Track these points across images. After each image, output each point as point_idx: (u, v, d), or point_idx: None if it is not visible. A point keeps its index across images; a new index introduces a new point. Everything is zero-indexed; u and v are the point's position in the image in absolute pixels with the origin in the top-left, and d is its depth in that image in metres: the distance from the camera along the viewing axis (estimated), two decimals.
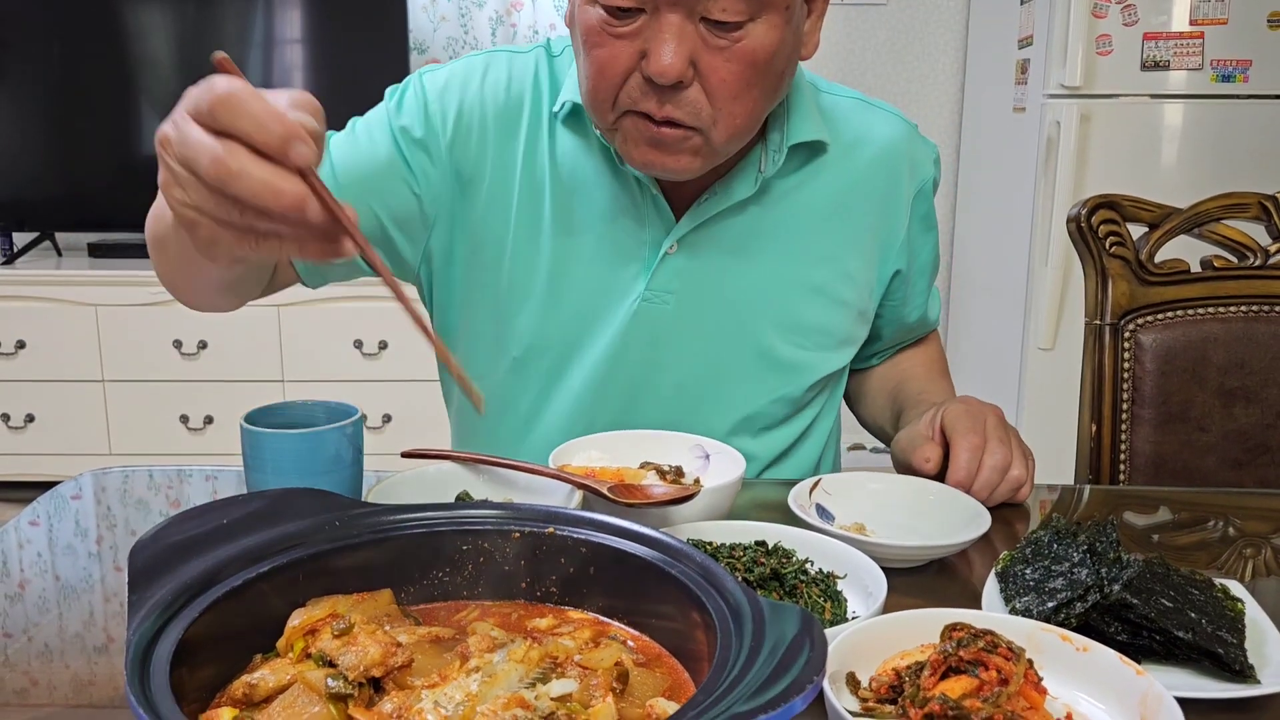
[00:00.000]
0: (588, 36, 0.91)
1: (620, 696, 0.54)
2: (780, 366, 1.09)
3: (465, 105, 1.05)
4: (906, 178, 1.13)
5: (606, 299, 1.06)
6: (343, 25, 3.17)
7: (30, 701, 0.65)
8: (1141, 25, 2.59)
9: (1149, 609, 0.67)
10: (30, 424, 3.08)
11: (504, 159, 1.05)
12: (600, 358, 1.07)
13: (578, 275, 1.05)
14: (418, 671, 0.55)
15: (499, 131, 1.05)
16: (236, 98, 0.54)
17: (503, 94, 1.06)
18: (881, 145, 1.11)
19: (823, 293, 1.09)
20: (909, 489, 0.94)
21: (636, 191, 1.03)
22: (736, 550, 0.77)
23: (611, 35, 0.89)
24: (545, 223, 1.05)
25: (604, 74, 0.91)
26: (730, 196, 1.03)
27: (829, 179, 1.08)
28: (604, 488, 0.79)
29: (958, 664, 0.58)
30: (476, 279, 1.08)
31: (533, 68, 1.07)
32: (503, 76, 1.07)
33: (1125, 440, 1.31)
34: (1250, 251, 1.30)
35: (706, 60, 0.88)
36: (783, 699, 0.43)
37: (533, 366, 1.09)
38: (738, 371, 1.09)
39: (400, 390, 3.04)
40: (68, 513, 0.98)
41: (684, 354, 1.07)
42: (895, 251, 1.14)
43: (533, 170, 1.05)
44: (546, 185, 1.05)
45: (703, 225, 1.04)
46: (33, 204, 3.24)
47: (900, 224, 1.13)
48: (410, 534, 0.65)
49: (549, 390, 1.10)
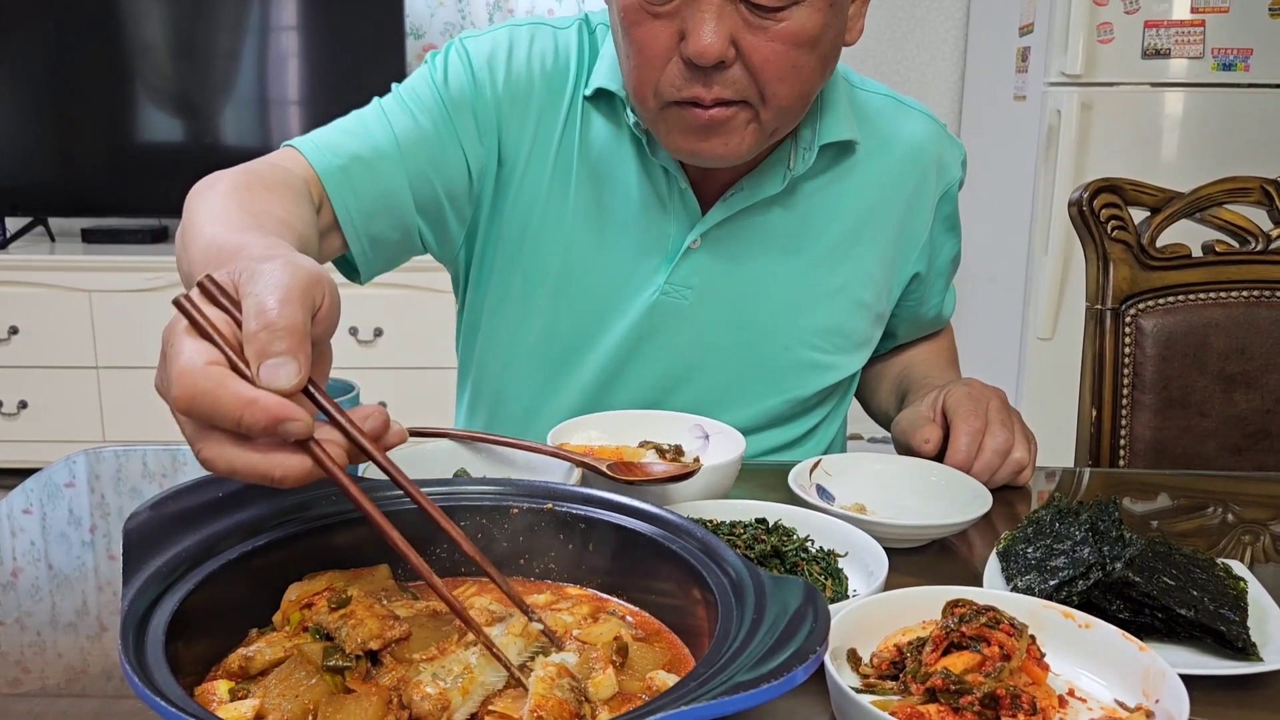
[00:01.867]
0: (626, 14, 0.88)
1: (620, 670, 0.53)
2: (795, 368, 1.08)
3: (513, 75, 1.02)
4: (933, 180, 1.11)
5: (625, 290, 1.04)
6: (339, 10, 3.16)
7: (22, 690, 0.65)
8: (1143, 13, 2.58)
9: (1151, 587, 0.67)
10: (24, 410, 3.07)
11: (543, 137, 1.03)
12: (613, 348, 1.05)
13: (598, 263, 1.04)
14: (416, 645, 0.55)
15: (543, 107, 1.03)
16: (202, 400, 0.48)
17: (550, 68, 1.03)
18: (910, 146, 1.09)
19: (843, 294, 1.07)
20: (909, 470, 0.93)
21: (664, 183, 1.01)
22: (737, 528, 0.76)
23: (650, 15, 0.86)
24: (569, 206, 1.03)
25: (645, 55, 0.88)
26: (758, 192, 1.01)
27: (856, 179, 1.06)
28: (603, 465, 0.79)
29: (960, 640, 0.58)
30: (504, 260, 1.06)
31: (575, 44, 1.04)
32: (549, 49, 1.03)
33: (1125, 425, 1.30)
34: (1252, 236, 1.30)
35: (748, 40, 0.86)
36: (785, 669, 0.43)
37: (545, 352, 1.08)
38: (751, 371, 1.07)
39: (396, 377, 3.03)
40: (60, 497, 0.97)
41: (698, 350, 1.06)
42: (917, 254, 1.13)
43: (565, 151, 1.03)
44: (574, 168, 1.03)
45: (727, 221, 1.02)
46: (26, 189, 3.23)
47: (924, 226, 1.12)
48: (408, 509, 0.65)
49: (559, 378, 1.08)
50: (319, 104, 3.24)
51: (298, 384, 0.49)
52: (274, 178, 0.88)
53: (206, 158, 3.33)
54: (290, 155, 0.97)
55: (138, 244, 3.20)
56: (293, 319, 0.50)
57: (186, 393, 0.48)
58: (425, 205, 1.02)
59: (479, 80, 1.01)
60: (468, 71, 1.01)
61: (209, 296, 0.52)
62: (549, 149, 1.03)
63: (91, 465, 1.04)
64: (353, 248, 0.99)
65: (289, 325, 0.50)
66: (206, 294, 0.52)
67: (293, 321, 0.50)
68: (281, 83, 3.24)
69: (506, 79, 1.02)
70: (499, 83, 1.01)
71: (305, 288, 0.52)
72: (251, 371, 0.49)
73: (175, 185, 0.88)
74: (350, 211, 0.97)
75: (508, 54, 1.02)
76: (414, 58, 3.36)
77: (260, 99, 3.24)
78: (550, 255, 1.04)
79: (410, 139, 0.99)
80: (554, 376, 1.08)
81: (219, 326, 0.50)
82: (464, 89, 1.01)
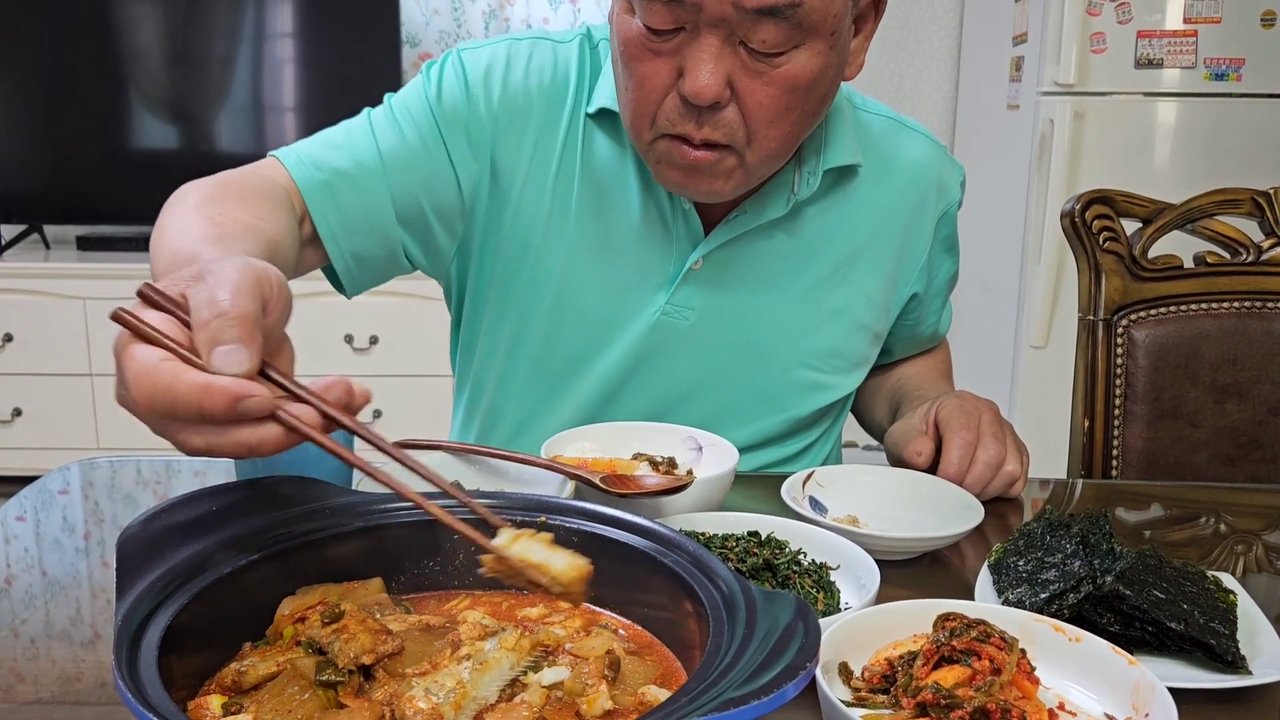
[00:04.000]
0: (626, 48, 0.88)
1: (612, 685, 0.53)
2: (794, 388, 1.08)
3: (510, 91, 1.01)
4: (933, 202, 1.11)
5: (626, 309, 1.04)
6: (334, 18, 3.16)
7: (15, 698, 0.65)
8: (1135, 23, 2.59)
9: (1141, 600, 0.67)
10: (18, 418, 3.06)
11: (542, 153, 1.02)
12: (612, 368, 1.05)
13: (599, 282, 1.03)
14: (408, 659, 0.55)
15: (542, 124, 1.02)
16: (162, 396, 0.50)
17: (548, 83, 1.02)
18: (911, 169, 1.09)
19: (842, 316, 1.08)
20: (902, 481, 0.94)
21: (667, 203, 1.01)
22: (729, 541, 0.76)
23: (650, 51, 0.86)
24: (571, 224, 1.03)
25: (643, 89, 0.88)
26: (761, 215, 1.01)
27: (858, 203, 1.06)
28: (596, 478, 0.79)
29: (950, 653, 0.58)
30: (503, 275, 1.05)
31: (576, 59, 1.03)
32: (548, 65, 1.03)
33: (1118, 436, 1.31)
34: (1243, 247, 1.30)
35: (745, 83, 0.86)
36: (775, 685, 0.43)
37: (544, 370, 1.07)
38: (750, 391, 1.07)
39: (391, 385, 3.03)
40: (54, 505, 0.97)
41: (697, 371, 1.06)
42: (916, 275, 1.13)
43: (567, 168, 1.02)
44: (576, 185, 1.02)
45: (730, 243, 1.02)
46: (21, 196, 3.22)
47: (923, 248, 1.12)
48: (401, 522, 0.65)
49: (557, 395, 1.08)
50: (314, 111, 3.24)
51: (251, 368, 0.51)
52: (249, 185, 0.90)
53: (202, 165, 3.32)
54: (273, 166, 0.97)
55: (132, 251, 3.19)
56: (243, 308, 0.52)
57: (145, 393, 0.50)
58: (410, 221, 1.01)
59: (473, 95, 1.01)
60: (462, 85, 1.01)
61: (150, 303, 0.54)
62: (549, 166, 1.02)
63: (85, 474, 1.04)
64: (336, 263, 0.99)
65: (240, 314, 0.52)
66: (147, 300, 0.54)
67: (243, 310, 0.52)
68: (276, 90, 3.25)
69: (503, 94, 1.01)
70: (494, 97, 1.01)
71: (256, 281, 0.54)
72: (204, 359, 0.51)
73: (170, 192, 0.88)
74: (333, 227, 0.97)
75: (505, 68, 1.02)
76: (409, 65, 3.36)
77: (255, 106, 3.24)
78: (551, 273, 1.03)
79: (396, 154, 0.99)
80: (552, 394, 1.08)
81: (161, 328, 0.52)
82: (457, 103, 1.00)
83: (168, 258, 0.74)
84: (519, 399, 1.10)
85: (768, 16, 0.81)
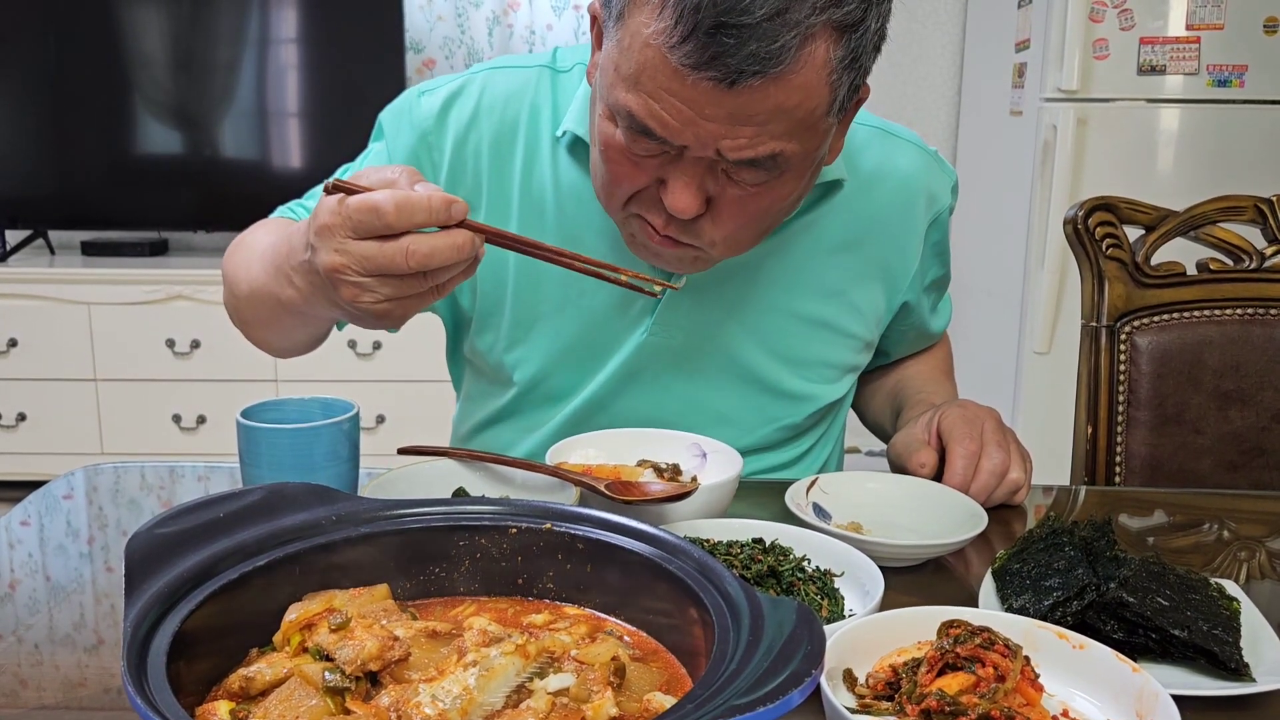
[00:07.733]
0: (606, 150, 0.86)
1: (618, 691, 0.54)
2: (783, 397, 1.08)
3: (459, 136, 1.01)
4: (923, 210, 1.10)
5: (612, 330, 1.04)
6: (338, 24, 3.17)
7: (19, 703, 0.65)
8: (1138, 30, 2.59)
9: (1145, 607, 0.67)
10: (22, 423, 3.07)
11: (500, 185, 1.02)
12: (603, 389, 1.06)
13: (584, 306, 1.03)
14: (414, 666, 0.55)
15: (493, 158, 1.02)
16: (404, 202, 0.68)
17: (497, 117, 1.02)
18: (899, 180, 1.07)
19: (828, 327, 1.07)
20: (906, 488, 0.94)
21: None
22: (734, 548, 0.76)
23: (630, 160, 0.85)
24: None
25: (619, 184, 0.88)
26: None
27: (842, 215, 1.05)
28: (601, 485, 0.79)
29: (955, 660, 0.59)
30: (484, 310, 1.06)
31: (533, 84, 1.03)
32: (499, 97, 1.02)
33: (1121, 442, 1.31)
34: (1246, 254, 1.30)
35: (723, 200, 0.85)
36: (780, 692, 0.43)
37: (533, 396, 1.08)
38: (741, 404, 1.08)
39: (395, 390, 3.03)
40: (58, 510, 0.97)
41: (688, 386, 1.06)
42: (906, 284, 1.12)
43: (531, 194, 1.02)
44: (549, 211, 1.02)
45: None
46: (26, 201, 3.24)
47: (913, 257, 1.11)
48: (407, 529, 0.65)
49: (548, 419, 1.09)
50: (318, 117, 3.25)
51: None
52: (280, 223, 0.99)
53: (206, 170, 3.37)
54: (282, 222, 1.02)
55: (137, 256, 3.21)
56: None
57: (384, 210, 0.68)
58: None
59: (425, 145, 1.02)
60: (415, 134, 1.02)
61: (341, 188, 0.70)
62: (509, 194, 1.02)
63: (90, 479, 1.04)
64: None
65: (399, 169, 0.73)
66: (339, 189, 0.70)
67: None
68: (281, 95, 3.26)
69: (455, 140, 1.01)
70: (445, 147, 1.01)
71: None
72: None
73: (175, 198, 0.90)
74: None
75: (456, 113, 1.02)
76: (413, 72, 3.38)
77: (259, 111, 3.25)
78: (535, 299, 1.04)
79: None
80: (543, 411, 1.09)
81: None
82: (407, 155, 1.02)
83: (266, 252, 0.88)
84: (511, 415, 1.11)
85: (748, 166, 0.82)
